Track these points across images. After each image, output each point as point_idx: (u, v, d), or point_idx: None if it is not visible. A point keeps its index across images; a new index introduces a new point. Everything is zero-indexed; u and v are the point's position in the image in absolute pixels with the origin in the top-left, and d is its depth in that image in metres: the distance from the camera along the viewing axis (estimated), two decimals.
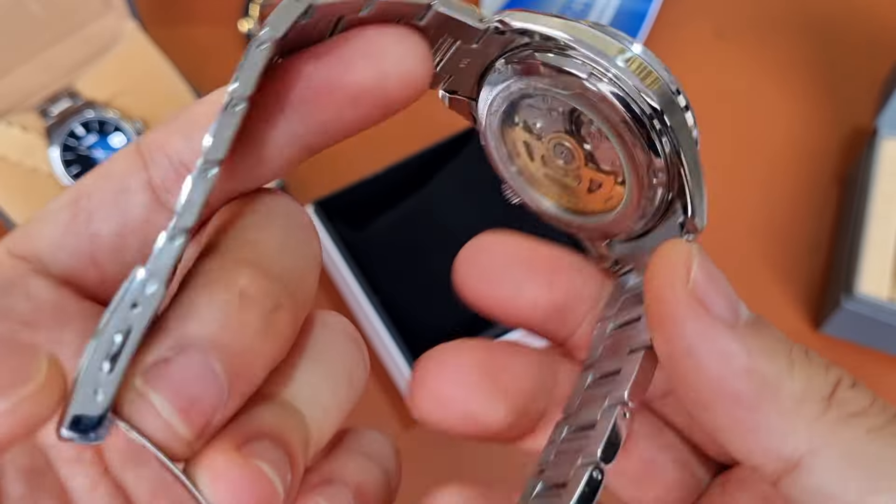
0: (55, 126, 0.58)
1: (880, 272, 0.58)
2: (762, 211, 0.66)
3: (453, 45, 0.21)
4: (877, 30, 0.78)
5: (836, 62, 0.76)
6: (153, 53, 0.63)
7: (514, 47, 0.22)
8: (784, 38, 0.78)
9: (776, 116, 0.72)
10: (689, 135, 0.22)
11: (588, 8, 0.74)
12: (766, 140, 0.71)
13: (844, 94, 0.74)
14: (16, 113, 0.62)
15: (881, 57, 0.75)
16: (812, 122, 0.72)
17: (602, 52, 0.20)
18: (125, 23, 0.65)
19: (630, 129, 0.21)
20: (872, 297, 0.56)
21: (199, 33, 0.77)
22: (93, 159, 0.59)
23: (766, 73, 0.75)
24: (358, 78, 0.19)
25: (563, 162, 0.24)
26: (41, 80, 0.64)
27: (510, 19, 0.21)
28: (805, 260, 0.64)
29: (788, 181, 0.68)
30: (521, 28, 0.21)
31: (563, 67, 0.21)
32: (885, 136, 0.64)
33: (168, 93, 0.62)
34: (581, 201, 0.24)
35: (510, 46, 0.22)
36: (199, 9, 0.79)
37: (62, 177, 0.58)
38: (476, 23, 0.20)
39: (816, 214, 0.66)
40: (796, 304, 0.61)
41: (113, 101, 0.61)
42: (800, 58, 0.76)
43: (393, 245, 0.60)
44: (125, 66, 0.62)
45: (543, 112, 0.23)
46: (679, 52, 0.76)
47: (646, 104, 0.21)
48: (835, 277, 0.60)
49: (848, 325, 0.58)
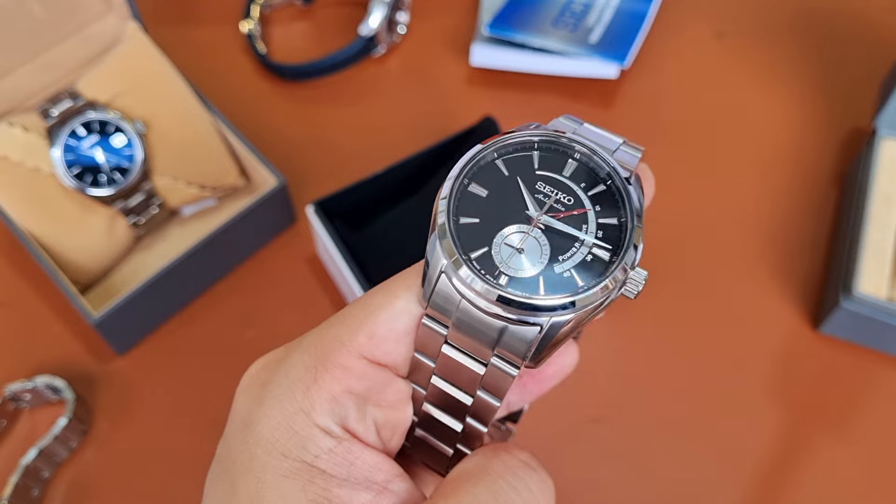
0: (56, 126, 0.58)
1: (879, 272, 0.58)
2: (761, 211, 0.67)
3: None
4: (876, 31, 0.78)
5: (835, 63, 0.76)
6: (154, 54, 0.63)
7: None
8: (783, 39, 0.78)
9: (775, 116, 0.72)
10: None
11: (588, 8, 0.75)
12: (765, 140, 0.71)
13: (843, 94, 0.74)
14: (17, 113, 0.62)
15: (880, 57, 0.75)
16: (811, 122, 0.72)
17: None
18: (126, 23, 0.65)
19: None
20: (871, 296, 0.56)
21: (199, 34, 0.78)
22: (94, 160, 0.59)
23: (765, 74, 0.75)
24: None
25: None
26: (42, 81, 0.64)
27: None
28: (804, 259, 0.64)
29: (787, 181, 0.68)
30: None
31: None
32: (884, 136, 0.64)
33: (168, 93, 0.63)
34: None
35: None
36: (200, 9, 0.79)
37: (63, 177, 0.58)
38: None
39: (815, 214, 0.66)
40: (795, 303, 0.62)
41: (114, 101, 0.61)
42: (799, 58, 0.77)
43: (393, 245, 0.60)
44: (126, 67, 0.62)
45: None
46: (678, 52, 0.77)
47: None
48: (833, 277, 0.60)
49: (846, 324, 0.58)
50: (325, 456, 0.25)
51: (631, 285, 0.26)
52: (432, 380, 0.28)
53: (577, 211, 0.27)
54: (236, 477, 0.26)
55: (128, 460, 0.55)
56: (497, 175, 0.28)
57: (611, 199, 0.27)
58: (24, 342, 0.60)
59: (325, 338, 0.27)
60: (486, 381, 0.27)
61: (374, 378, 0.27)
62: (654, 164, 0.31)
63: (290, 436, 0.26)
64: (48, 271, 0.56)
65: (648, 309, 0.61)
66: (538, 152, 0.28)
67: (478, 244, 0.26)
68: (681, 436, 0.56)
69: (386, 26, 0.74)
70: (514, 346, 0.25)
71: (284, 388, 0.26)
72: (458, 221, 0.27)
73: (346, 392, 0.26)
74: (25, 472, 0.51)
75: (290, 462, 0.25)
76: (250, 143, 0.63)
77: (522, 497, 0.25)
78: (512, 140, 0.28)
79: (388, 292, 0.27)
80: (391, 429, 0.28)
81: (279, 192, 0.61)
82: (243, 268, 0.64)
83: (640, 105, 0.73)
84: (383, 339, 0.27)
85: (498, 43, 0.72)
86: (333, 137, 0.70)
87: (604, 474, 0.55)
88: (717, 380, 0.58)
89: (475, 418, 0.28)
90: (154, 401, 0.57)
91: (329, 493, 0.25)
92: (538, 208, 0.27)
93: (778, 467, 0.55)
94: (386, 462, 0.27)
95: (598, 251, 0.26)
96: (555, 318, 0.25)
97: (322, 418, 0.26)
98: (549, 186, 0.27)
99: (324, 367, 0.26)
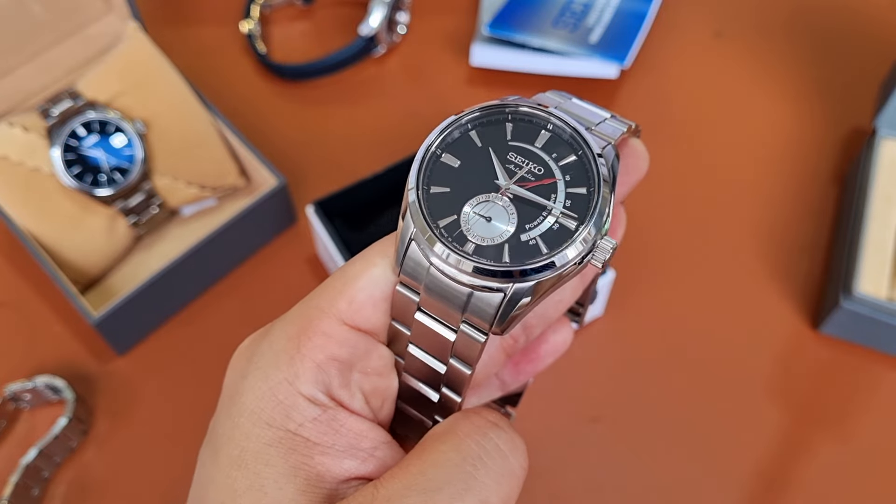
0: (56, 126, 0.58)
1: (879, 272, 0.58)
2: (761, 211, 0.67)
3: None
4: (875, 30, 0.78)
5: (835, 62, 0.76)
6: (154, 54, 0.63)
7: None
8: (783, 39, 0.78)
9: (775, 116, 0.72)
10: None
11: (588, 8, 0.75)
12: (765, 140, 0.71)
13: (843, 94, 0.74)
14: (17, 113, 0.62)
15: (880, 57, 0.75)
16: (811, 121, 0.72)
17: None
18: (126, 23, 0.65)
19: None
20: (871, 296, 0.56)
21: (199, 34, 0.78)
22: (94, 159, 0.59)
23: (764, 73, 0.75)
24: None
25: None
26: (42, 81, 0.64)
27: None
28: (804, 259, 0.64)
29: (787, 181, 0.68)
30: None
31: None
32: (884, 136, 0.64)
33: (168, 93, 0.63)
34: None
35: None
36: (200, 9, 0.79)
37: (63, 177, 0.58)
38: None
39: (815, 214, 0.66)
40: (795, 303, 0.62)
41: (114, 101, 0.61)
42: (799, 58, 0.76)
43: None
44: (126, 67, 0.62)
45: None
46: (678, 52, 0.77)
47: None
48: (833, 277, 0.60)
49: (847, 324, 0.58)
50: (310, 424, 0.26)
51: (599, 254, 0.26)
52: (408, 348, 0.28)
53: (546, 181, 0.27)
54: (220, 446, 0.26)
55: (128, 460, 0.55)
56: (470, 146, 0.28)
57: (581, 169, 0.27)
58: (24, 342, 0.60)
59: (306, 308, 0.27)
60: (457, 348, 0.27)
61: (357, 344, 0.27)
62: (654, 163, 0.31)
63: (275, 405, 0.26)
64: (48, 271, 0.56)
65: (648, 308, 0.61)
66: (511, 124, 0.28)
67: (447, 212, 0.27)
68: (680, 435, 0.56)
69: (386, 26, 0.74)
70: (481, 312, 0.26)
71: (268, 358, 0.27)
72: (428, 191, 0.27)
73: (330, 359, 0.27)
74: (25, 472, 0.51)
75: (274, 431, 0.26)
76: (250, 143, 0.63)
77: (490, 455, 0.25)
78: (487, 111, 0.28)
79: (366, 260, 0.28)
80: (380, 397, 0.28)
81: (279, 192, 0.61)
82: (243, 268, 0.64)
83: (641, 105, 0.73)
84: (362, 304, 0.27)
85: (498, 43, 0.72)
86: (333, 137, 0.70)
87: (603, 474, 0.55)
88: (717, 379, 0.58)
89: (449, 387, 0.29)
90: (154, 401, 0.58)
91: (311, 460, 0.25)
92: (508, 178, 0.27)
93: (778, 467, 0.55)
94: (373, 430, 0.27)
95: (564, 220, 0.26)
96: (517, 284, 0.25)
97: (306, 387, 0.26)
98: (521, 157, 0.27)
99: (306, 336, 0.27)
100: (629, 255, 0.63)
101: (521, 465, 0.26)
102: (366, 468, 0.26)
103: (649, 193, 0.67)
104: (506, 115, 0.28)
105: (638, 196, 0.68)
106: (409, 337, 0.28)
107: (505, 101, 0.28)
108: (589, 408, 0.57)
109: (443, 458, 0.25)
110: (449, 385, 0.29)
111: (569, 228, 0.26)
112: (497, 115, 0.28)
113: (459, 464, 0.25)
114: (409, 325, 0.28)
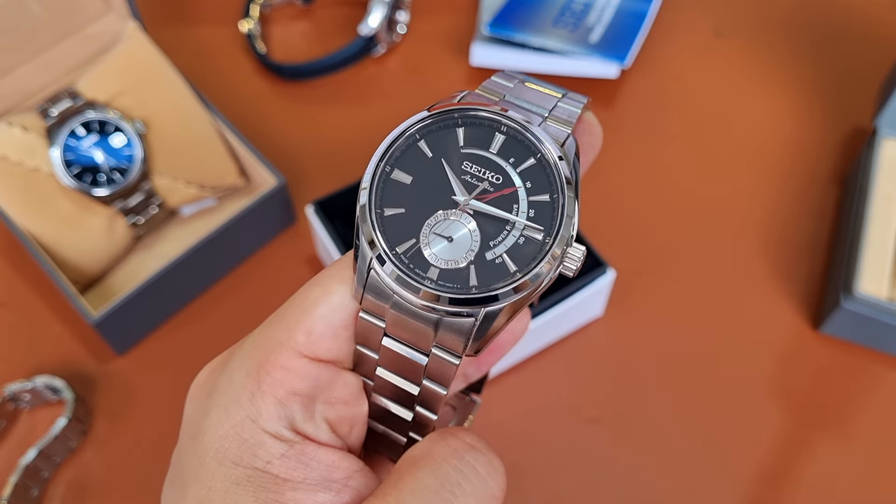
0: (56, 126, 0.58)
1: (879, 272, 0.58)
2: (761, 210, 0.66)
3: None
4: (875, 30, 0.78)
5: (835, 62, 0.76)
6: (153, 54, 0.63)
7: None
8: (783, 39, 0.78)
9: (775, 116, 0.72)
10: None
11: (588, 8, 0.74)
12: (765, 140, 0.71)
13: (843, 94, 0.74)
14: (16, 113, 0.62)
15: (880, 57, 0.75)
16: (811, 122, 0.72)
17: None
18: (126, 23, 0.65)
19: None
20: (871, 296, 0.56)
21: (199, 33, 0.78)
22: (93, 159, 0.59)
23: (764, 73, 0.75)
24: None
25: None
26: (42, 81, 0.64)
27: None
28: (804, 259, 0.64)
29: (787, 181, 0.68)
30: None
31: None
32: (885, 136, 0.64)
33: (168, 93, 0.63)
34: None
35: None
36: (200, 9, 0.79)
37: (62, 177, 0.58)
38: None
39: (815, 214, 0.66)
40: (796, 303, 0.62)
41: (113, 101, 0.61)
42: (799, 58, 0.76)
43: None
44: (126, 67, 0.62)
45: None
46: (678, 51, 0.76)
47: None
48: (834, 277, 0.60)
49: (847, 324, 0.58)
50: (278, 461, 0.25)
51: (569, 262, 0.24)
52: (377, 371, 0.27)
53: (506, 190, 0.25)
54: (187, 485, 0.26)
55: (127, 460, 0.55)
56: (420, 158, 0.26)
57: (542, 174, 0.25)
58: (24, 342, 0.60)
59: (264, 339, 0.27)
60: (430, 371, 0.26)
61: (318, 376, 0.26)
62: (654, 163, 0.31)
63: (240, 444, 0.25)
64: (48, 271, 0.56)
65: (648, 309, 0.61)
66: (463, 128, 0.26)
67: (405, 236, 0.25)
68: (680, 435, 0.56)
69: (386, 26, 0.74)
70: (452, 338, 0.25)
71: (229, 396, 0.26)
72: (382, 214, 0.26)
73: (291, 394, 0.26)
74: (25, 472, 0.51)
75: (242, 469, 0.25)
76: (250, 143, 0.63)
77: (468, 479, 0.25)
78: (433, 118, 0.26)
79: (323, 287, 0.27)
80: (348, 424, 0.27)
81: (279, 192, 0.61)
82: (243, 268, 0.63)
83: (641, 105, 0.73)
84: (322, 335, 0.26)
85: (498, 42, 0.72)
86: (333, 137, 0.70)
87: (602, 474, 0.55)
88: (717, 379, 0.58)
89: (424, 406, 0.28)
90: (154, 401, 0.57)
91: (282, 496, 0.25)
92: (465, 192, 0.25)
93: (778, 467, 0.55)
94: (344, 459, 0.26)
95: (530, 233, 0.25)
96: (488, 307, 0.24)
97: (270, 424, 0.25)
98: (477, 165, 0.26)
99: (265, 371, 0.26)
100: (629, 254, 0.63)
101: (500, 486, 0.26)
102: (340, 500, 0.25)
103: (649, 193, 0.67)
104: (455, 120, 0.26)
105: (638, 195, 0.68)
106: (378, 361, 0.27)
107: (452, 102, 0.26)
108: (589, 408, 0.57)
109: (420, 485, 0.24)
110: (423, 404, 0.28)
111: (535, 240, 0.24)
112: (446, 120, 0.26)
113: (437, 490, 0.24)
114: (376, 350, 0.27)
